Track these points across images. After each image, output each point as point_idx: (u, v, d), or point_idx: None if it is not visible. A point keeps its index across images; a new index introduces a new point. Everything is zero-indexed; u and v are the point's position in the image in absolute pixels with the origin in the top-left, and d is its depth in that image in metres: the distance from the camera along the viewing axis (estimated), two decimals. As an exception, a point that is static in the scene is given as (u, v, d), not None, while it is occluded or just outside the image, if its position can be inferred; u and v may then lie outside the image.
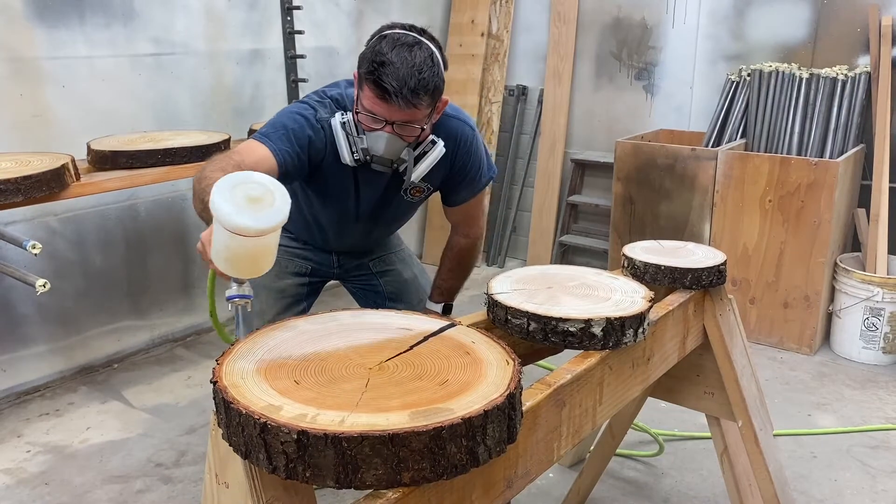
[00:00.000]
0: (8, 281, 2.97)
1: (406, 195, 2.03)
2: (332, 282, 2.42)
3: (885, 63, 3.50)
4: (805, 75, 3.70)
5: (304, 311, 2.28)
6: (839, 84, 3.62)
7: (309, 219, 2.13)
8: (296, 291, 2.24)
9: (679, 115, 4.27)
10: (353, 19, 4.28)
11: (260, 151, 1.75)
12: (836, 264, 3.51)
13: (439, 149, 1.88)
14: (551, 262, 4.59)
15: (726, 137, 3.91)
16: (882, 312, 3.36)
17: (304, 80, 4.02)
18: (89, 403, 3.12)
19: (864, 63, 3.65)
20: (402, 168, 1.87)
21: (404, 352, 1.20)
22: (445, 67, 1.79)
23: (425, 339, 1.25)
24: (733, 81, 3.93)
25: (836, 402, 3.11)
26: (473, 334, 1.28)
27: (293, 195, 1.84)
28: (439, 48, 1.78)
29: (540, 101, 4.67)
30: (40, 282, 2.19)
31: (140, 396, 3.19)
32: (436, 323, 1.33)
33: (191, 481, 2.58)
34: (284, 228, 1.23)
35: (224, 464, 1.10)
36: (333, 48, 4.22)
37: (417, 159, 1.87)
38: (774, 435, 2.16)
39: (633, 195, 3.90)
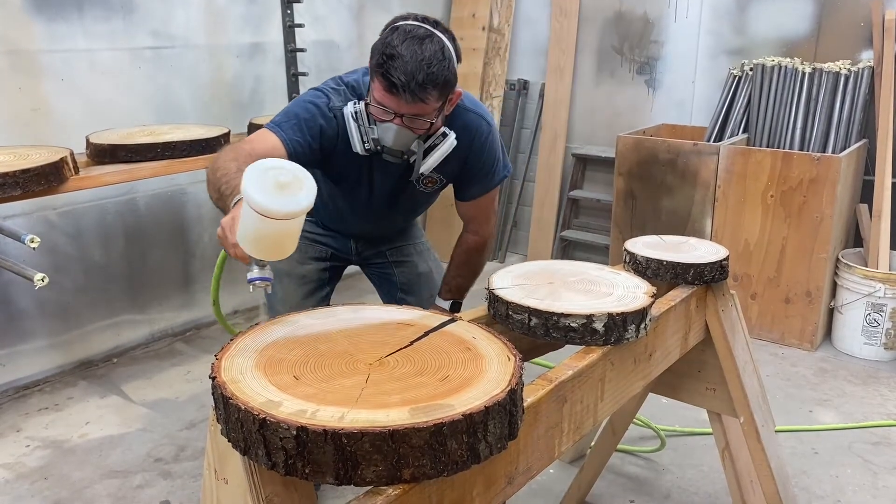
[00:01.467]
0: (6, 275, 2.96)
1: (419, 185, 2.02)
2: (346, 273, 2.42)
3: (888, 58, 3.48)
4: (808, 70, 3.69)
5: (326, 297, 2.30)
6: (842, 79, 3.60)
7: (328, 203, 2.13)
8: (318, 276, 2.26)
9: (681, 109, 4.25)
10: (354, 13, 4.26)
11: (271, 141, 1.76)
12: (837, 260, 3.50)
13: (450, 142, 1.87)
14: (552, 258, 4.58)
15: (728, 132, 3.89)
16: (884, 308, 3.35)
17: (304, 74, 4.00)
18: (88, 398, 3.12)
19: (867, 58, 3.63)
20: (412, 159, 1.87)
21: (404, 347, 1.19)
22: (459, 60, 1.78)
23: (426, 334, 1.24)
24: (735, 76, 3.91)
25: (838, 398, 3.10)
26: (474, 330, 1.27)
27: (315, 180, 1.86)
28: (453, 40, 1.77)
29: (541, 96, 4.65)
30: (39, 276, 2.18)
31: (139, 391, 3.18)
32: (436, 318, 1.32)
33: (190, 476, 2.58)
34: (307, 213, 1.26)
35: (223, 460, 1.09)
36: (334, 42, 4.20)
37: (427, 152, 1.86)
38: (776, 431, 2.16)
39: (635, 190, 3.89)
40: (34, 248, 2.22)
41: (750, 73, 3.86)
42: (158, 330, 3.67)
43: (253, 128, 3.20)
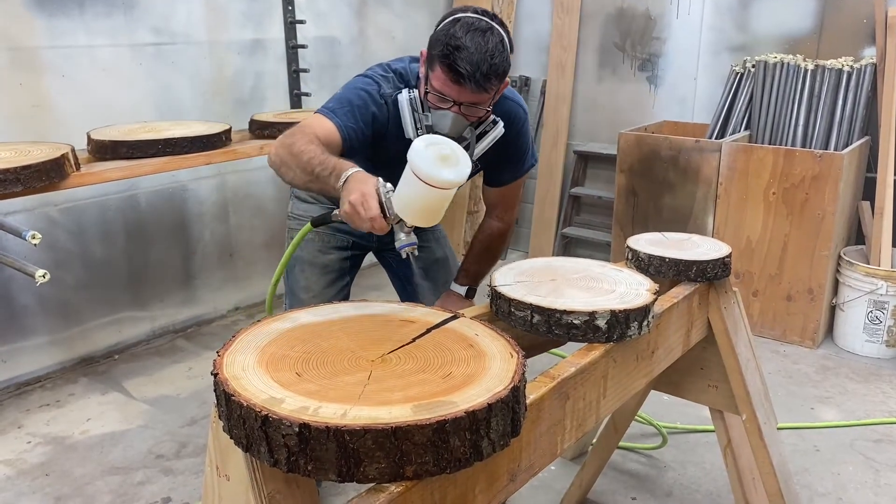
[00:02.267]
0: (8, 271, 2.96)
1: None
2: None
3: (890, 55, 3.47)
4: (810, 67, 3.68)
5: (347, 286, 2.34)
6: (844, 76, 3.60)
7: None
8: (339, 266, 2.30)
9: (683, 106, 4.24)
10: (355, 9, 4.25)
11: (328, 125, 1.81)
12: (839, 257, 3.50)
13: (499, 129, 1.93)
14: (553, 255, 4.58)
15: (730, 129, 3.89)
16: (886, 306, 3.34)
17: (305, 70, 4.00)
18: (90, 395, 3.12)
19: (869, 55, 3.62)
20: (465, 145, 1.90)
21: (407, 344, 1.19)
22: (511, 51, 1.84)
23: (428, 331, 1.24)
24: (737, 73, 3.90)
25: (840, 395, 3.09)
26: (476, 327, 1.26)
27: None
28: (507, 33, 1.82)
29: (543, 93, 4.65)
30: (40, 272, 2.17)
31: (141, 388, 3.18)
32: (438, 315, 1.31)
33: (191, 473, 2.57)
34: (329, 200, 1.29)
35: (225, 456, 1.09)
36: (335, 38, 4.19)
37: (479, 138, 1.92)
38: (778, 428, 2.15)
39: (637, 187, 3.88)
40: (35, 245, 2.21)
41: (752, 69, 3.85)
42: (160, 326, 3.67)
43: (254, 124, 3.19)
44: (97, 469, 2.60)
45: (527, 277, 1.61)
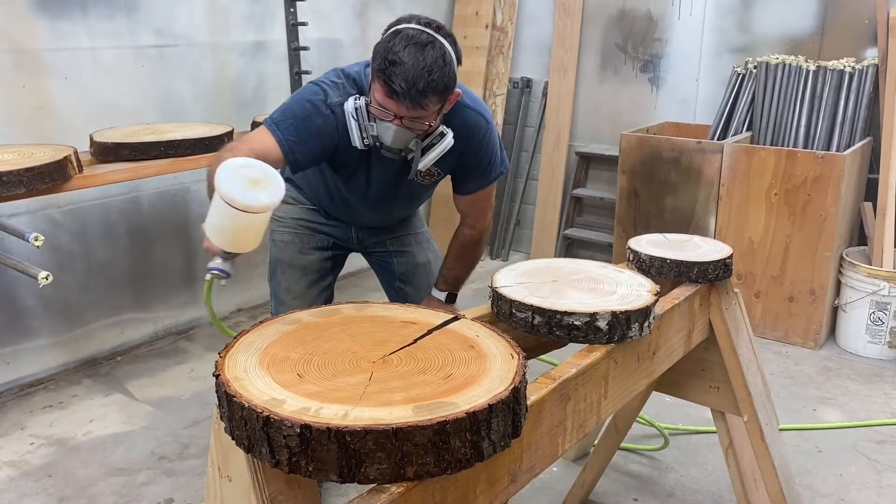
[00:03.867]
0: (11, 273, 2.96)
1: (417, 178, 2.05)
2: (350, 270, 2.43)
3: (892, 56, 3.47)
4: (812, 68, 3.68)
5: (329, 286, 2.33)
6: (846, 77, 3.59)
7: (333, 191, 2.16)
8: (320, 266, 2.29)
9: (684, 107, 4.24)
10: (357, 11, 4.26)
11: (268, 141, 1.82)
12: (842, 258, 3.50)
13: (447, 141, 1.89)
14: (555, 256, 4.58)
15: (732, 130, 3.88)
16: (888, 307, 3.34)
17: (307, 72, 3.99)
18: (93, 396, 3.13)
19: (871, 56, 3.62)
20: (409, 157, 1.90)
21: (408, 345, 1.19)
22: (459, 62, 1.80)
23: (429, 332, 1.24)
24: (739, 74, 3.90)
25: (842, 396, 3.09)
26: (478, 328, 1.27)
27: (318, 169, 1.93)
28: (454, 44, 1.78)
29: (544, 94, 4.65)
30: (42, 274, 2.18)
31: (143, 389, 3.19)
32: (440, 316, 1.31)
33: (194, 474, 2.58)
34: (309, 200, 1.30)
35: (227, 457, 1.09)
36: (337, 40, 4.20)
37: (424, 150, 1.89)
38: (779, 430, 2.15)
39: (638, 188, 3.88)
40: (38, 247, 2.22)
41: (754, 70, 3.85)
42: (162, 328, 3.67)
43: (256, 126, 3.19)
44: (100, 470, 2.61)
45: (528, 279, 1.62)
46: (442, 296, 2.24)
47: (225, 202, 1.32)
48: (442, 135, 1.89)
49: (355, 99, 1.85)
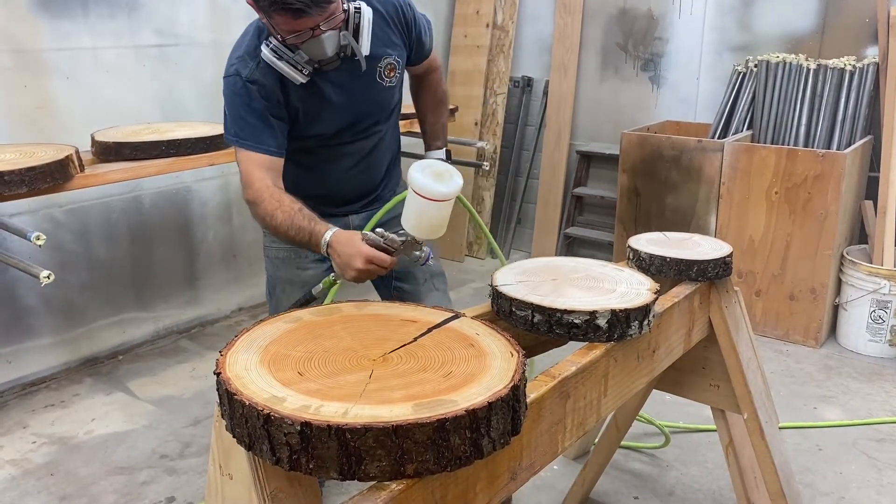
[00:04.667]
0: (12, 272, 2.97)
1: (382, 79, 2.02)
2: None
3: (893, 54, 3.47)
4: (812, 66, 3.68)
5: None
6: (847, 75, 3.59)
7: (315, 169, 2.11)
8: (321, 278, 2.20)
9: (685, 106, 4.24)
10: (358, 10, 4.26)
11: (257, 160, 1.87)
12: (842, 257, 3.50)
13: (365, 14, 1.86)
14: (556, 255, 4.58)
15: (733, 129, 3.89)
16: (889, 305, 3.34)
17: (308, 72, 4.00)
18: (94, 395, 3.13)
19: (872, 54, 3.62)
20: (349, 53, 1.87)
21: (408, 343, 1.19)
22: None
23: (429, 330, 1.24)
24: (740, 72, 3.90)
25: (842, 394, 3.09)
26: (477, 326, 1.27)
27: (291, 164, 1.94)
28: None
29: (545, 93, 4.65)
30: (44, 273, 2.18)
31: (145, 388, 3.20)
32: (440, 315, 1.32)
33: (195, 473, 2.59)
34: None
35: (228, 455, 1.10)
36: (338, 39, 4.20)
37: (355, 33, 1.87)
38: (780, 428, 2.16)
39: (639, 187, 3.88)
40: (40, 246, 2.23)
41: (754, 69, 3.85)
42: (163, 327, 3.68)
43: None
44: (102, 469, 2.62)
45: (528, 277, 1.62)
46: (442, 154, 2.27)
47: (424, 197, 1.61)
48: (357, 10, 1.86)
49: (266, 45, 1.83)
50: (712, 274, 1.80)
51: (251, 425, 0.97)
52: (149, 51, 3.36)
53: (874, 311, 3.37)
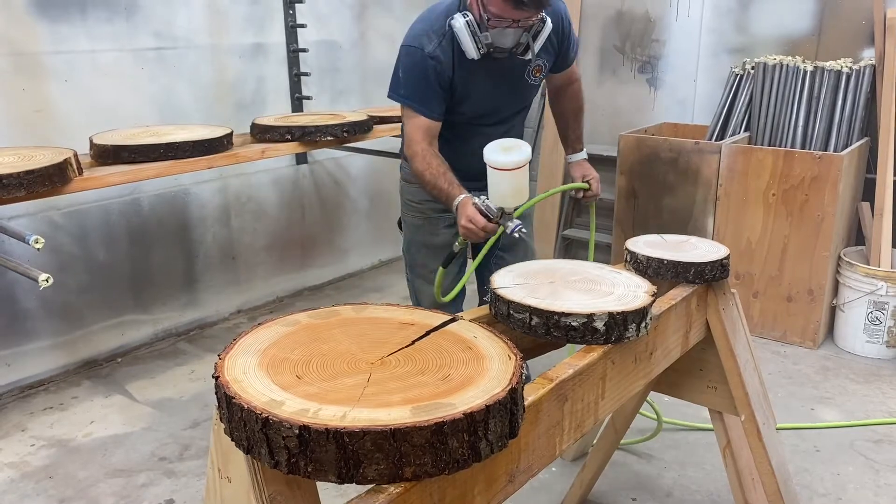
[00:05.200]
0: (11, 275, 2.97)
1: (529, 77, 2.35)
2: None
3: (889, 56, 3.48)
4: (809, 68, 3.69)
5: (464, 263, 2.54)
6: (843, 77, 3.60)
7: (454, 144, 2.37)
8: (450, 242, 2.47)
9: (682, 108, 4.25)
10: (356, 13, 4.27)
11: (421, 123, 2.21)
12: (839, 258, 3.50)
13: (548, 25, 2.19)
14: (554, 257, 4.59)
15: (730, 131, 3.89)
16: (886, 306, 3.35)
17: (306, 74, 4.01)
18: (93, 397, 3.13)
19: (868, 56, 3.63)
20: (520, 51, 2.19)
21: (406, 347, 1.20)
22: None
23: (427, 333, 1.25)
24: (737, 74, 3.91)
25: (840, 396, 3.10)
26: (475, 329, 1.28)
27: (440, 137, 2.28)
28: None
29: (543, 95, 4.65)
30: (43, 276, 2.19)
31: (143, 391, 3.20)
32: (437, 318, 1.32)
33: (194, 475, 2.59)
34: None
35: (226, 458, 1.10)
36: (336, 42, 4.21)
37: (534, 38, 2.18)
38: (777, 429, 2.16)
39: (637, 189, 3.89)
40: (38, 249, 2.23)
41: (751, 71, 3.86)
42: (162, 329, 3.68)
43: (256, 128, 3.20)
44: (100, 471, 2.62)
45: (525, 280, 1.62)
46: (584, 155, 2.67)
47: (498, 169, 1.91)
48: (543, 21, 2.17)
49: (463, 16, 2.12)
50: (709, 276, 1.81)
51: (249, 429, 0.98)
52: (147, 54, 3.36)
53: (871, 312, 3.38)
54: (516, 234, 2.00)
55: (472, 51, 2.13)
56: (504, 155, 1.90)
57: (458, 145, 2.37)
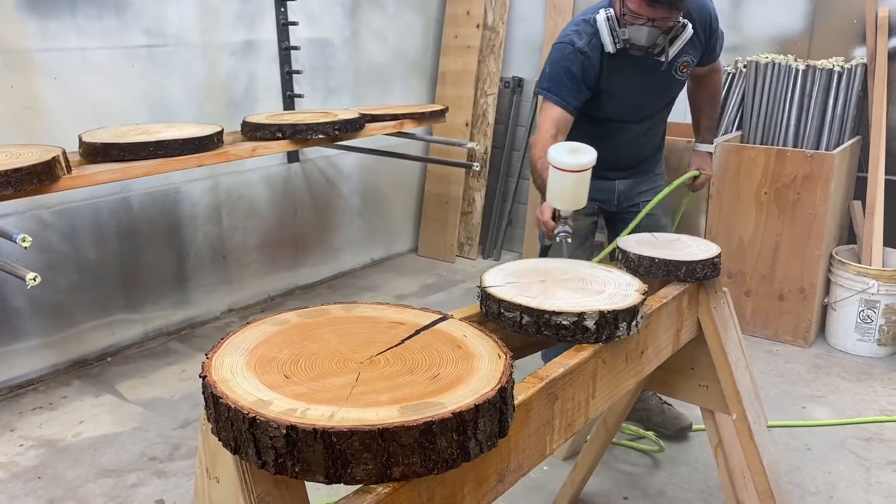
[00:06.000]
0: None
1: (676, 73, 2.44)
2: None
3: (881, 54, 3.49)
4: (801, 67, 3.69)
5: (590, 247, 2.73)
6: (835, 76, 3.61)
7: (599, 140, 2.36)
8: (586, 229, 2.69)
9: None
10: (348, 10, 4.26)
11: (556, 114, 2.30)
12: (831, 257, 3.51)
13: (688, 31, 2.27)
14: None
15: (722, 129, 3.90)
16: (877, 305, 3.36)
17: (297, 72, 4.00)
18: (83, 397, 3.12)
19: (860, 55, 3.64)
20: (656, 51, 2.28)
21: (395, 346, 1.19)
22: None
23: (417, 332, 1.24)
24: (729, 73, 3.91)
25: (831, 394, 3.11)
26: (465, 328, 1.27)
27: (577, 130, 2.38)
28: None
29: (535, 93, 4.65)
30: (30, 275, 2.17)
31: (134, 390, 3.18)
32: (427, 317, 1.32)
33: (184, 475, 2.58)
34: None
35: (214, 458, 1.09)
36: (328, 39, 4.20)
37: (671, 42, 2.27)
38: (769, 427, 2.16)
39: (629, 187, 3.88)
40: (26, 248, 2.21)
41: (744, 70, 3.86)
42: (153, 329, 3.67)
43: (247, 126, 3.18)
44: (90, 471, 2.60)
45: (516, 278, 1.62)
46: (710, 148, 2.77)
47: (559, 169, 1.92)
48: (683, 26, 2.25)
49: (605, 10, 2.25)
50: (701, 275, 1.81)
51: (237, 429, 0.97)
52: (137, 51, 3.34)
53: (863, 310, 3.39)
54: (557, 238, 2.06)
55: (609, 44, 2.25)
56: (566, 156, 1.92)
57: (602, 141, 2.35)
